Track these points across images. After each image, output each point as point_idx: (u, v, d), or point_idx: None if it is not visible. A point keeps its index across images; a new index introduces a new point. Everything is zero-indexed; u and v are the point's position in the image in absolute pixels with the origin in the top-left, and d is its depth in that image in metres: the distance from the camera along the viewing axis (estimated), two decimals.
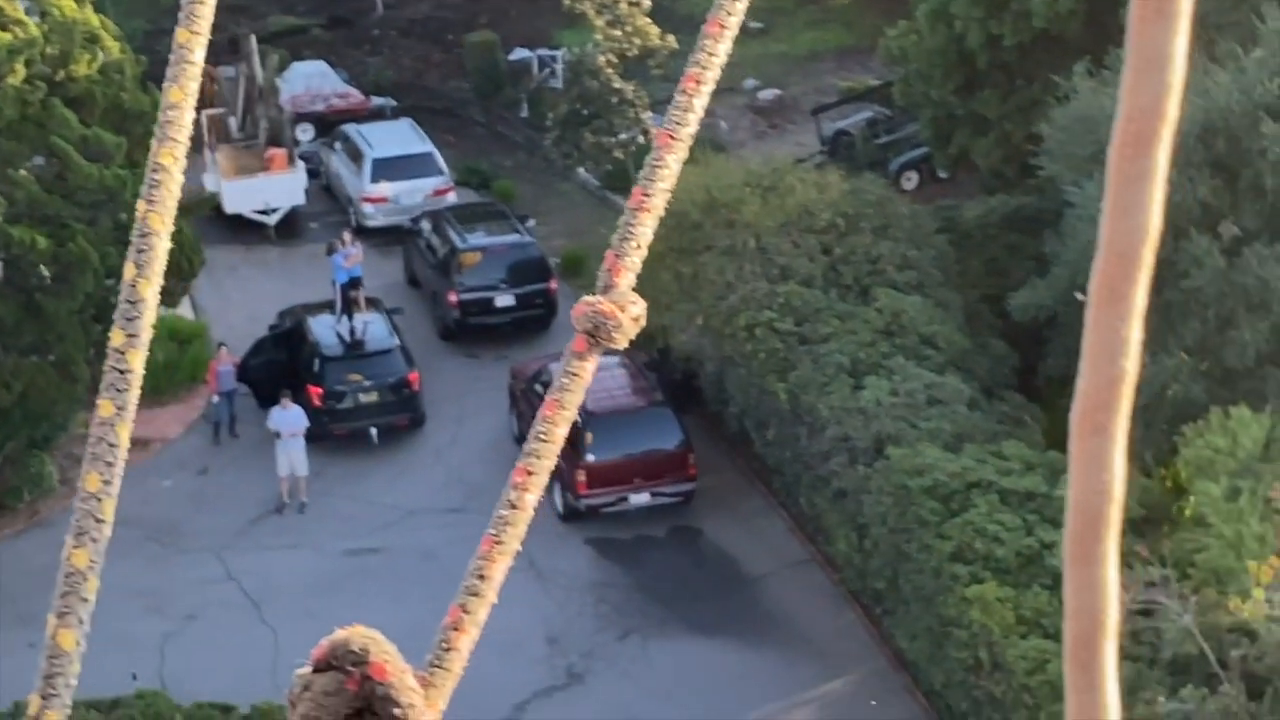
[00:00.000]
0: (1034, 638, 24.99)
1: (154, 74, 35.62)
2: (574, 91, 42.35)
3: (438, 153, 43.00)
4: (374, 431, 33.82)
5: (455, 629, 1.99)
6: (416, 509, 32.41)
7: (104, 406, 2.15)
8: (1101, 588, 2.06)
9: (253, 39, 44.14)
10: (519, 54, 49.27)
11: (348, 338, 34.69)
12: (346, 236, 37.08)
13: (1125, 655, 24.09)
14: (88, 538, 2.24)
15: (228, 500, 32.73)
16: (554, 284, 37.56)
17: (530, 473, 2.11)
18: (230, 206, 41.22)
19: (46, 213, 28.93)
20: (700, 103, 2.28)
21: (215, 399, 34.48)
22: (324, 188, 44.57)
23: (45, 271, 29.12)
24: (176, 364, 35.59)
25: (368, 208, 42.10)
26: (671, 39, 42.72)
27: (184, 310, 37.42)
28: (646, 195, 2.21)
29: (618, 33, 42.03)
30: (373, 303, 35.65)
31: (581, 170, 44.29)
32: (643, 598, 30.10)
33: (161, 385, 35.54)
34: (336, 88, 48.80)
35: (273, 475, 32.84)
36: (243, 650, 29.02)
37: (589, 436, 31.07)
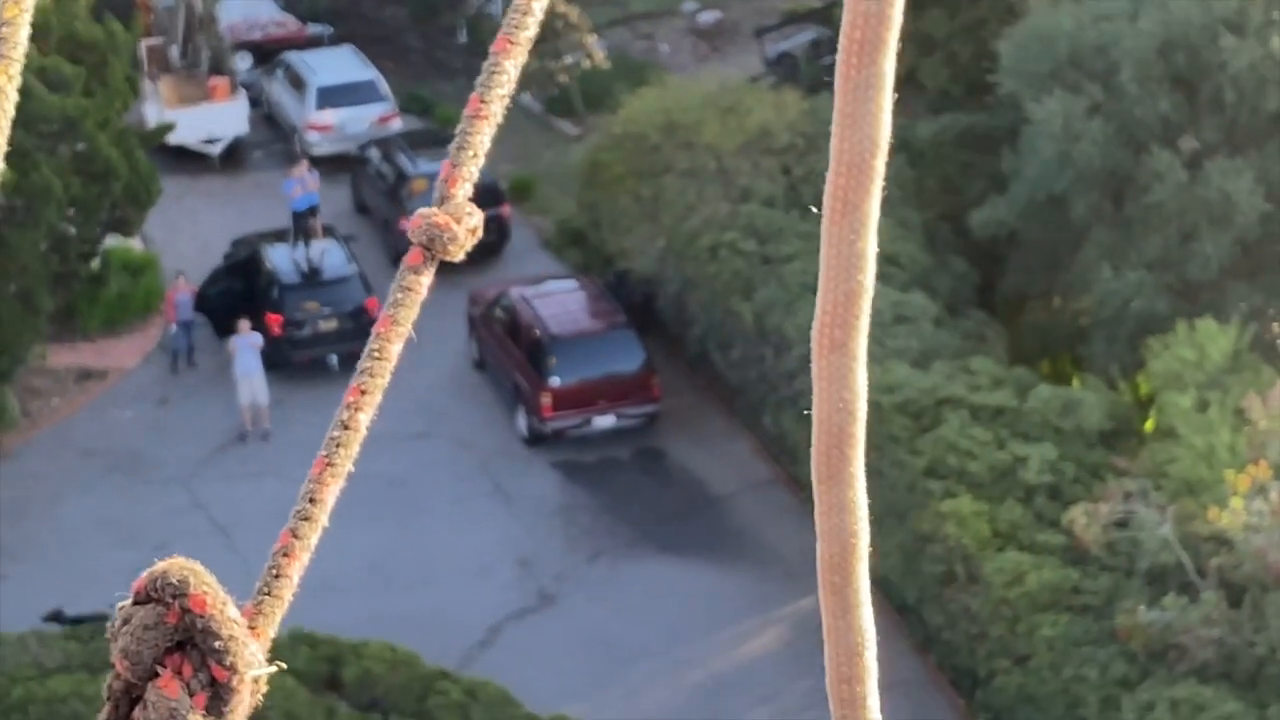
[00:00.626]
0: (1010, 550, 25.16)
1: (106, 4, 35.21)
2: None
3: (382, 79, 42.66)
4: (334, 359, 33.62)
5: (285, 555, 1.94)
6: (380, 434, 31.39)
7: None
8: (851, 509, 2.03)
9: None
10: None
11: (304, 266, 34.41)
12: (302, 164, 36.71)
13: (1103, 567, 24.33)
14: None
15: (190, 430, 32.48)
16: (506, 209, 37.35)
17: (364, 392, 2.04)
18: (174, 137, 40.75)
19: (8, 143, 28.44)
20: (540, 5, 2.19)
21: (173, 329, 34.17)
22: (265, 116, 44.12)
23: (5, 203, 28.73)
24: (130, 295, 35.26)
25: (313, 135, 41.70)
26: None
27: (133, 242, 37.01)
28: (483, 103, 2.10)
29: None
30: (328, 230, 35.37)
31: (524, 95, 44.02)
32: (611, 519, 30.09)
33: (116, 316, 35.26)
34: (273, 15, 48.31)
35: (233, 404, 32.62)
36: (215, 575, 28.79)
37: (553, 360, 30.97)
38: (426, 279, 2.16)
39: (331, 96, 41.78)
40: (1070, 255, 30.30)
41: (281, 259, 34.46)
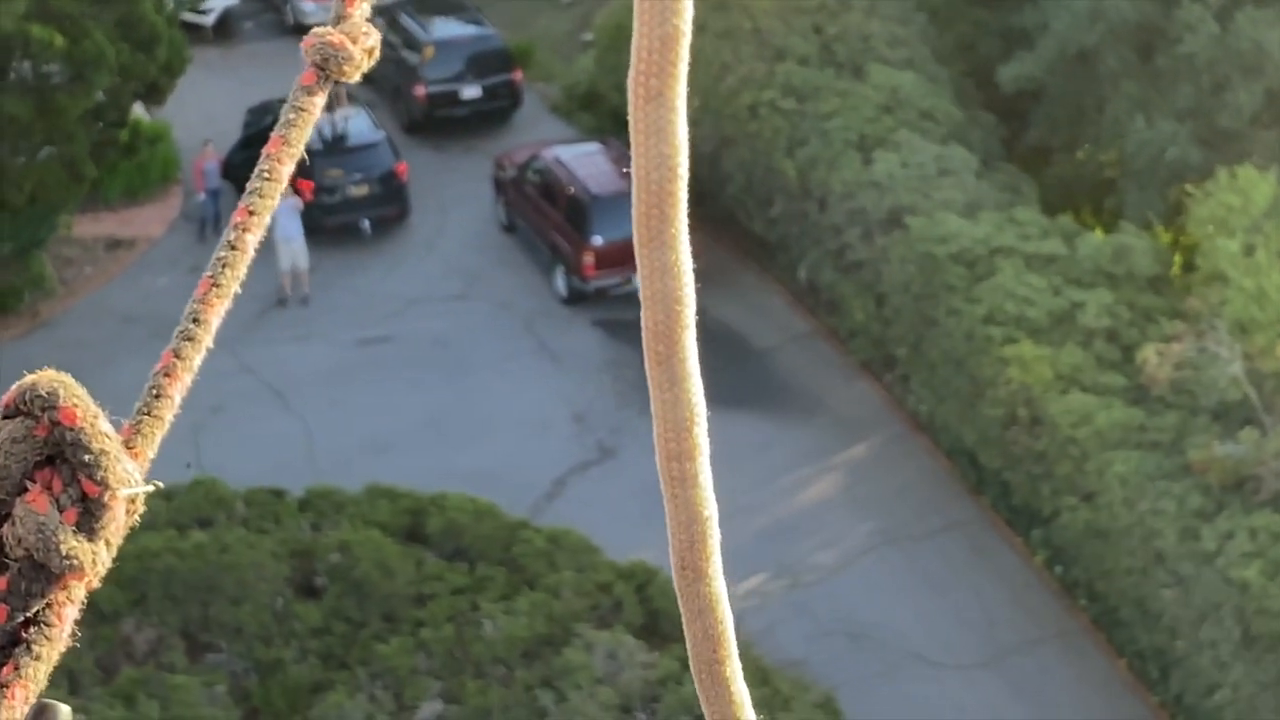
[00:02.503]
0: (1074, 393, 25.67)
1: None
2: None
3: None
4: (366, 223, 33.68)
5: (167, 375, 1.90)
6: (419, 298, 32.38)
7: None
8: (675, 272, 1.95)
9: None
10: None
11: (331, 132, 34.33)
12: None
13: (1167, 405, 24.91)
14: None
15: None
16: (518, 74, 37.38)
17: (252, 213, 2.00)
18: None
19: (60, 11, 28.26)
20: None
21: (201, 197, 34.06)
22: None
23: (58, 70, 28.50)
24: (148, 164, 35.09)
25: (307, 5, 41.43)
26: None
27: (141, 112, 36.74)
28: None
29: None
30: (351, 97, 35.27)
31: None
32: None
33: (136, 186, 35.11)
34: None
35: (267, 270, 32.60)
36: (274, 438, 29.01)
37: (594, 219, 31.14)
38: (320, 99, 2.10)
39: None
40: (1097, 108, 30.74)
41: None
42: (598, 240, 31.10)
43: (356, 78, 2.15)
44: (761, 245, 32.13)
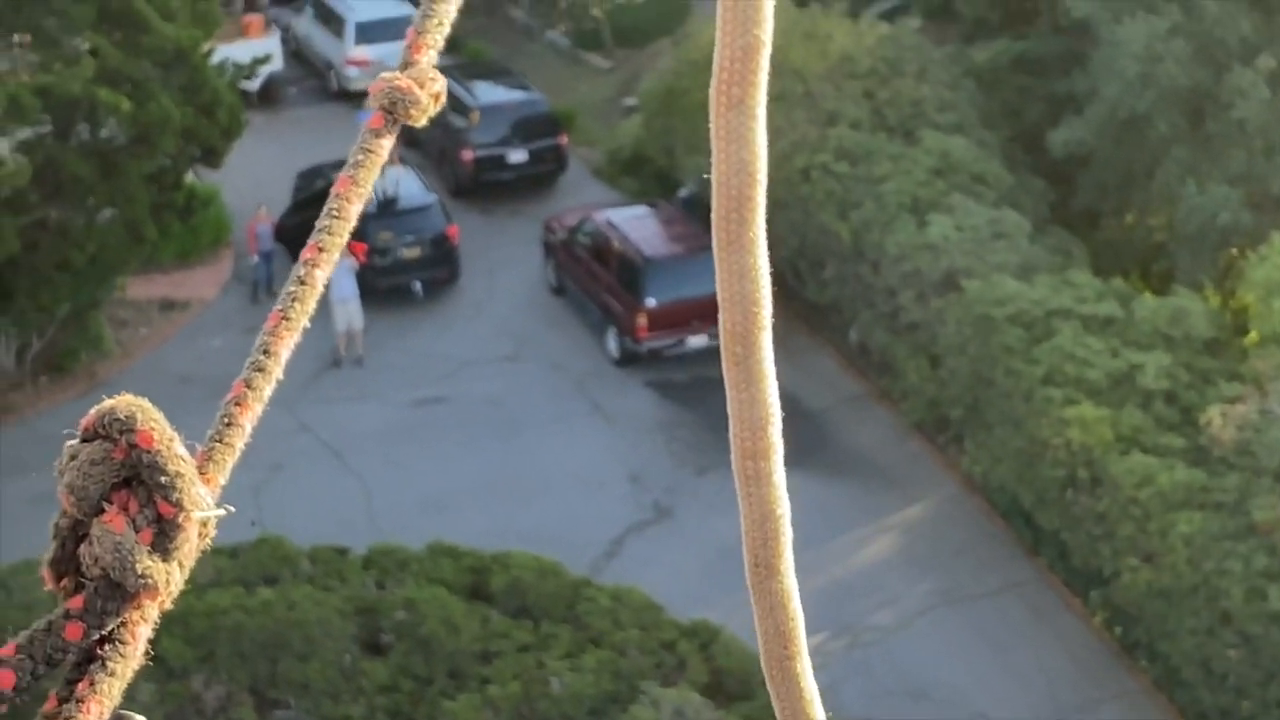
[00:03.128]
0: (1135, 453, 25.64)
1: None
2: None
3: (412, 12, 42.54)
4: (418, 285, 33.74)
5: (237, 404, 1.93)
6: (471, 359, 32.41)
7: None
8: (753, 275, 1.97)
9: None
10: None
11: (382, 195, 34.42)
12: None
13: (1230, 466, 24.90)
14: None
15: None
16: (564, 139, 37.53)
17: (321, 249, 2.04)
18: None
19: (126, 75, 28.37)
20: None
21: (254, 259, 34.15)
22: (293, 53, 44.02)
23: (124, 133, 28.61)
24: (200, 227, 35.18)
25: (351, 71, 41.66)
26: None
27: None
28: None
29: None
30: (402, 160, 35.39)
31: (552, 32, 44.11)
32: (713, 436, 30.40)
33: (188, 248, 35.20)
34: None
35: (322, 331, 32.66)
36: (333, 496, 29.00)
37: (647, 281, 31.20)
38: (387, 142, 2.11)
39: (370, 32, 41.74)
40: (1147, 173, 30.82)
41: None
42: (651, 302, 31.15)
43: (423, 121, 2.16)
44: (812, 308, 32.17)
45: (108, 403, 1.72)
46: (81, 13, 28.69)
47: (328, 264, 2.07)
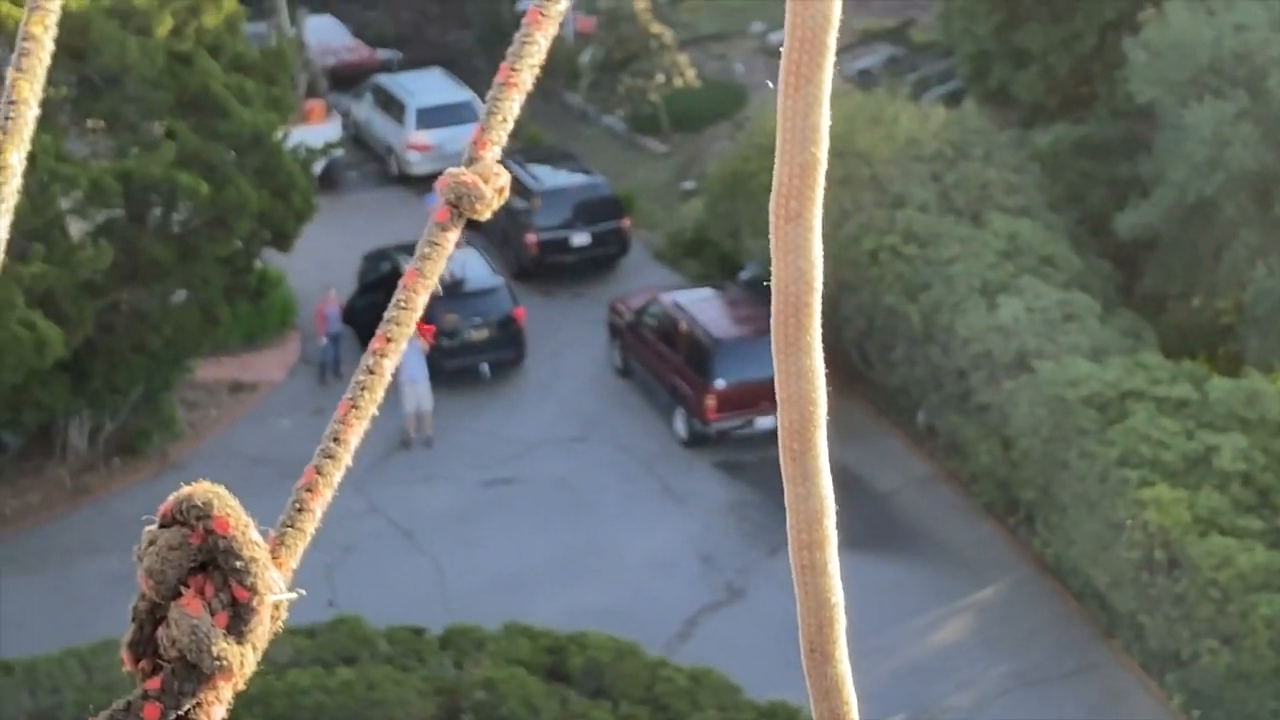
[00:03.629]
0: (1214, 535, 25.41)
1: None
2: (611, 38, 42.25)
3: (478, 100, 42.69)
4: (485, 367, 33.67)
5: (309, 490, 1.98)
6: (539, 440, 32.29)
7: None
8: (810, 376, 2.05)
9: None
10: (526, 4, 48.94)
11: (449, 278, 34.39)
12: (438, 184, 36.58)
13: None
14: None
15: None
16: (626, 222, 37.52)
17: (389, 339, 2.07)
18: None
19: (204, 159, 28.42)
20: None
21: (322, 341, 34.12)
22: (352, 138, 44.14)
23: (201, 216, 28.65)
24: (267, 309, 35.18)
25: (413, 155, 41.75)
26: None
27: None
28: (514, 71, 2.16)
29: None
30: (468, 242, 35.36)
31: (605, 115, 44.19)
32: (782, 516, 29.44)
33: (255, 330, 35.18)
34: (345, 41, 48.36)
35: (388, 412, 32.55)
36: (406, 576, 28.85)
37: (717, 363, 31.10)
38: (454, 235, 2.15)
39: (430, 117, 41.84)
40: (1214, 256, 30.69)
41: None
42: (720, 383, 31.03)
43: (488, 215, 2.19)
44: (878, 390, 32.02)
45: (185, 490, 1.76)
46: (160, 98, 28.77)
47: (395, 354, 2.08)
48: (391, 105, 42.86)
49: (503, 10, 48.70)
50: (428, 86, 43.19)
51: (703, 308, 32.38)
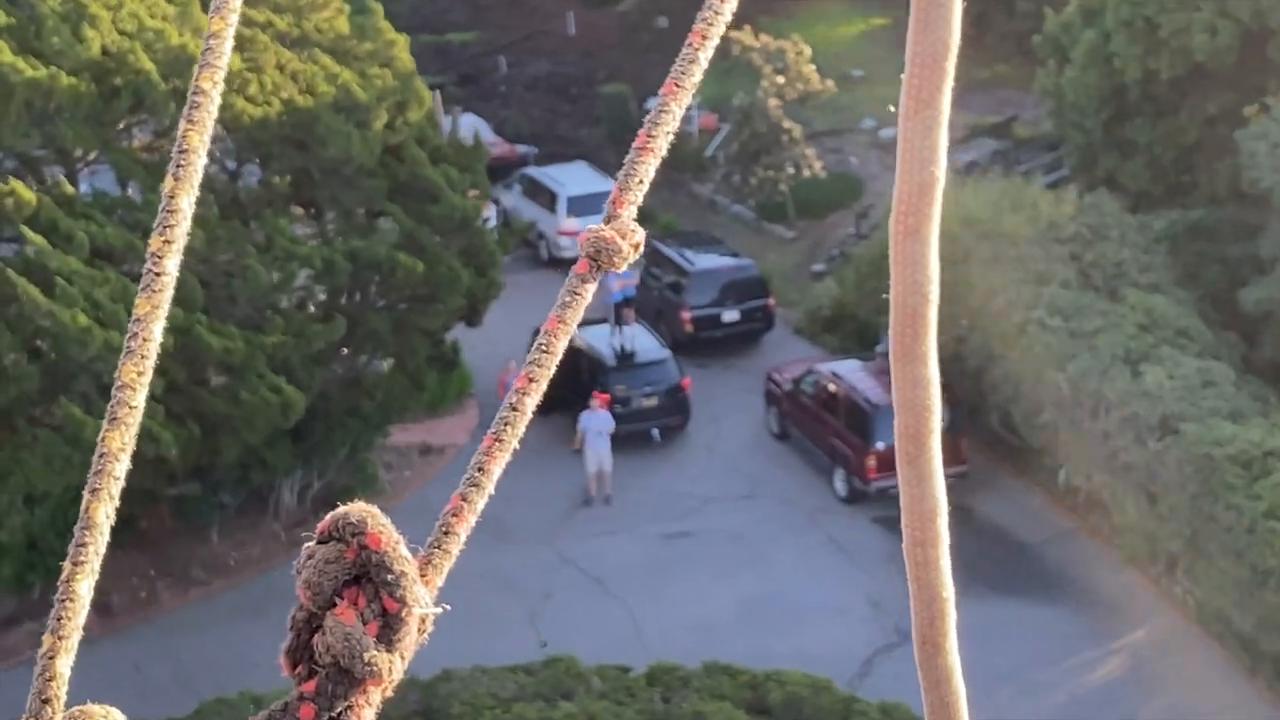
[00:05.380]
0: None
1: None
2: (745, 133, 43.44)
3: None
4: (656, 432, 34.70)
5: (454, 515, 2.01)
6: (710, 496, 33.28)
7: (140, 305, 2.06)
8: (925, 384, 2.02)
9: (438, 94, 44.84)
10: (653, 103, 50.21)
11: (621, 350, 35.50)
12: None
13: None
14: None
15: (536, 496, 33.37)
16: (772, 301, 38.61)
17: (532, 380, 2.10)
18: None
19: (418, 240, 29.58)
20: (705, 55, 2.25)
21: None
22: (502, 224, 45.27)
23: (414, 292, 29.78)
24: (448, 379, 36.24)
25: (563, 241, 42.88)
26: (831, 83, 44.18)
27: None
28: (650, 137, 2.20)
29: (781, 79, 43.35)
30: (637, 319, 36.40)
31: (733, 203, 45.31)
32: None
33: (438, 399, 36.25)
34: (489, 137, 49.64)
35: (567, 472, 33.62)
36: (603, 621, 29.78)
37: (876, 426, 32.08)
38: (592, 287, 2.19)
39: (580, 205, 43.01)
40: None
41: (601, 344, 35.59)
42: (880, 445, 31.98)
43: (624, 268, 2.25)
44: (1018, 451, 32.93)
45: (342, 509, 1.81)
46: (375, 185, 29.96)
47: (536, 393, 2.10)
48: (540, 194, 44.05)
49: (631, 108, 49.92)
50: (575, 177, 44.45)
51: (858, 377, 33.41)
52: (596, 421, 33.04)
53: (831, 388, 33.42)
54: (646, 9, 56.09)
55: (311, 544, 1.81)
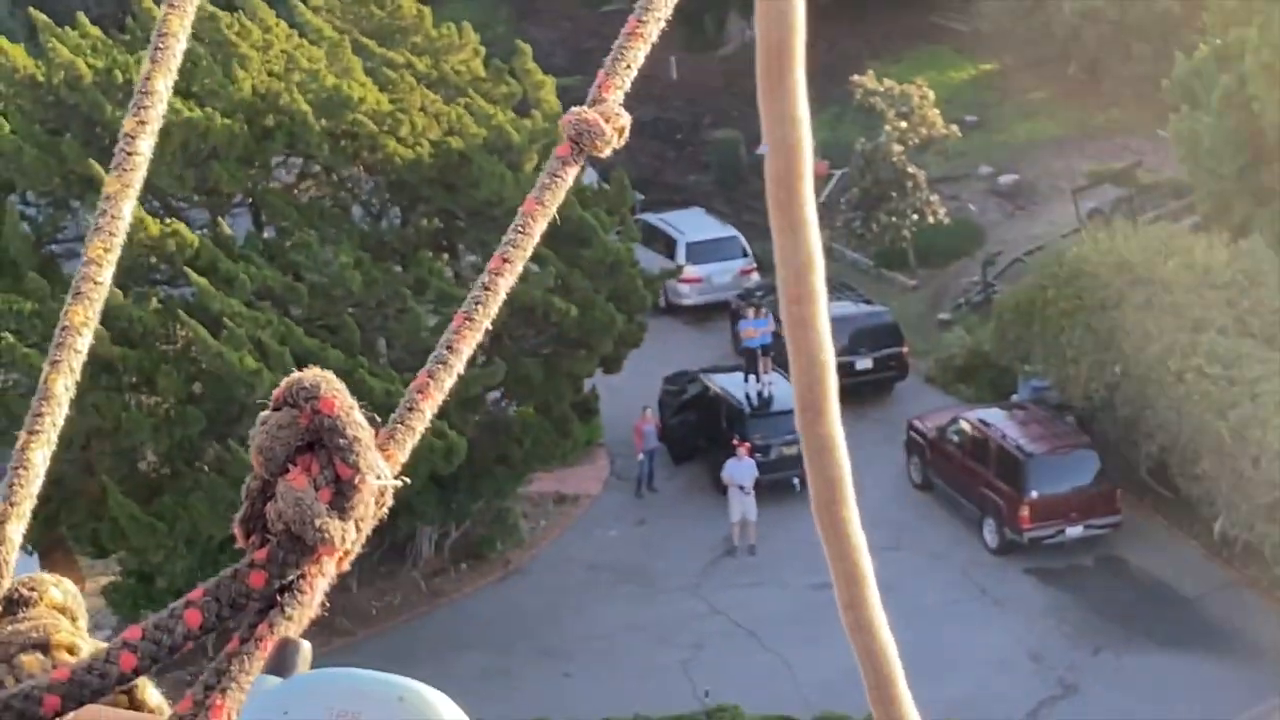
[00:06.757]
0: None
1: None
2: (868, 179, 43.45)
3: (741, 236, 43.90)
4: (796, 481, 34.58)
5: (420, 392, 1.96)
6: None
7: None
8: (793, 121, 1.89)
9: None
10: (765, 149, 50.26)
11: (756, 398, 35.46)
12: (752, 311, 37.61)
13: None
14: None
15: (676, 546, 33.35)
16: (906, 348, 38.52)
17: (505, 260, 2.06)
18: None
19: (571, 285, 29.63)
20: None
21: (640, 456, 35.12)
22: None
23: (567, 337, 29.85)
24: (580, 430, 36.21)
25: (683, 288, 42.84)
26: (955, 128, 44.20)
27: None
28: (640, 23, 2.15)
29: (904, 124, 43.39)
30: (775, 366, 36.32)
31: (852, 252, 45.28)
32: (1099, 618, 30.92)
33: (567, 449, 36.19)
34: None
35: (709, 521, 33.56)
36: (758, 671, 29.69)
37: (1031, 475, 31.95)
38: (573, 171, 2.16)
39: (698, 251, 43.04)
40: None
41: (737, 391, 35.56)
42: (1034, 494, 31.86)
43: (606, 153, 2.19)
44: (1168, 502, 32.76)
45: (296, 374, 1.78)
46: None
47: (510, 274, 2.08)
48: (657, 240, 44.01)
49: (741, 154, 49.97)
50: (693, 223, 44.52)
51: (1007, 425, 33.31)
52: (740, 470, 32.97)
53: (980, 436, 33.31)
54: (749, 54, 56.14)
55: (266, 412, 1.77)
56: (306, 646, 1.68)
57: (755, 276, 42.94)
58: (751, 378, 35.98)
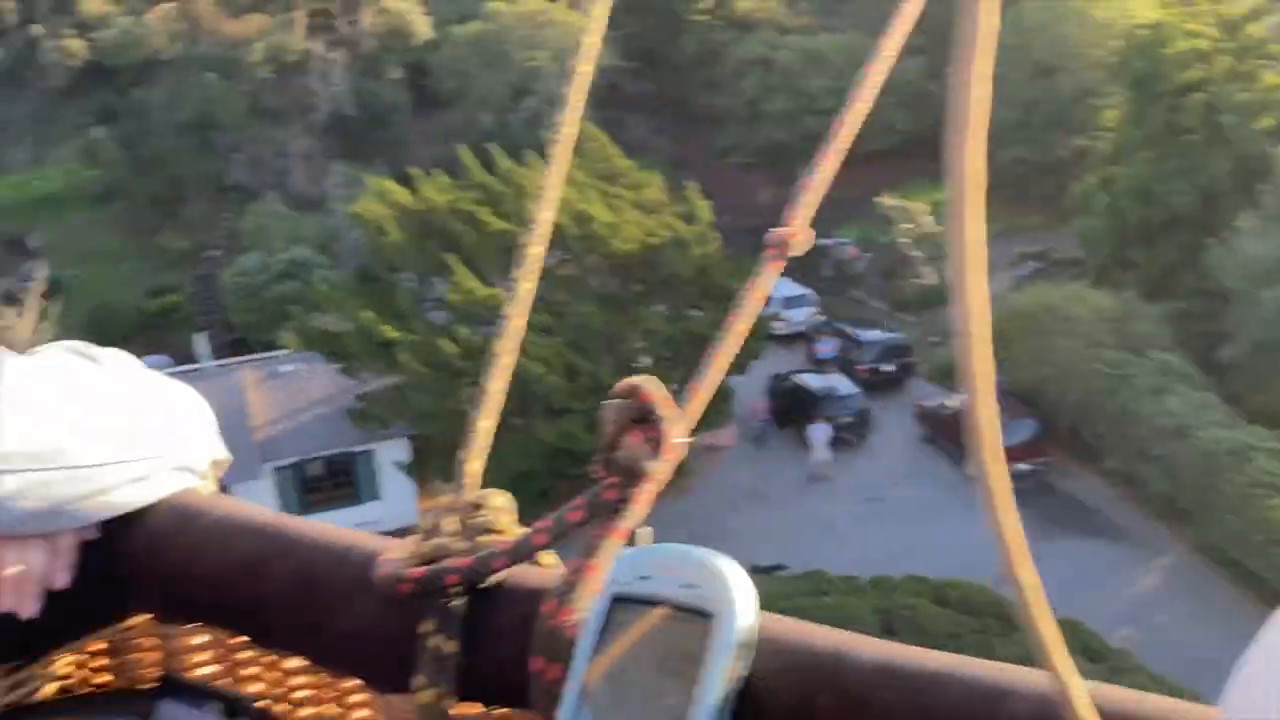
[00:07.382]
0: None
1: None
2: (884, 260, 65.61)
3: (809, 293, 65.51)
4: (852, 439, 56.11)
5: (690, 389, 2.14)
6: (887, 486, 54.30)
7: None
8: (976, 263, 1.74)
9: None
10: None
11: (824, 389, 56.91)
12: (824, 337, 59.68)
13: None
14: None
15: (779, 475, 54.63)
16: (913, 358, 60.10)
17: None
18: None
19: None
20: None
21: (757, 422, 56.46)
22: None
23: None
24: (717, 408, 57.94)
25: (778, 325, 63.97)
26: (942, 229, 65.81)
27: None
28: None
29: (908, 226, 65.67)
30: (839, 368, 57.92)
31: (870, 300, 66.89)
32: (1035, 519, 52.38)
33: (711, 420, 58.05)
34: None
35: (796, 462, 55.12)
36: (828, 546, 51.12)
37: None
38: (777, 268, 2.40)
39: (788, 302, 64.55)
40: None
41: (818, 385, 57.05)
42: None
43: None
44: (1082, 450, 53.87)
45: (630, 378, 2.08)
46: (692, 290, 52.01)
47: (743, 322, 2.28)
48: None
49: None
50: (781, 285, 60.25)
51: None
52: (817, 432, 54.36)
53: (958, 412, 54.32)
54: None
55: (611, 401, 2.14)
56: (648, 531, 2.08)
57: (819, 316, 64.62)
58: (822, 377, 57.64)
